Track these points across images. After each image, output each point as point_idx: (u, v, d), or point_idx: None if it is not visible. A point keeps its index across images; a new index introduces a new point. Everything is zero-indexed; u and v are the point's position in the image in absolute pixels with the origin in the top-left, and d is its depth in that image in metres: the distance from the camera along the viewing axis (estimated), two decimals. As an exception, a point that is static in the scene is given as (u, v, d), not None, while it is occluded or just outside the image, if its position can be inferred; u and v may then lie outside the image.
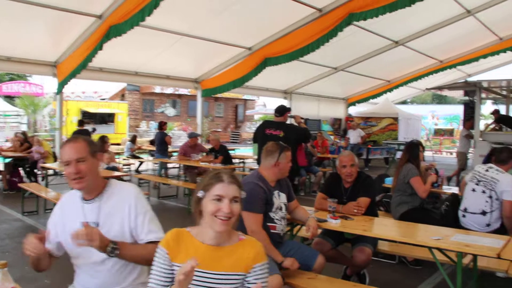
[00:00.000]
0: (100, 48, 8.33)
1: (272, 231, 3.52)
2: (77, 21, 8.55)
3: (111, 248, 2.22)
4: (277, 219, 3.56)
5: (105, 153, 8.46)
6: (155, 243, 2.20)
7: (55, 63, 10.08)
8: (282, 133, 6.69)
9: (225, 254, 2.06)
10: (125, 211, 2.40)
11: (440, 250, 3.23)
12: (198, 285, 1.99)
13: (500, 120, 11.55)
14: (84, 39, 8.87)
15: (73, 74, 9.26)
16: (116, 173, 7.52)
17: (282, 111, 7.06)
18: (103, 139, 8.60)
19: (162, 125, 12.59)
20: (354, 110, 20.20)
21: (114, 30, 8.00)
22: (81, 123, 12.01)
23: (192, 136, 10.16)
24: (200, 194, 2.05)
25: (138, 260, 2.35)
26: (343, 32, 10.43)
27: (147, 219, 2.41)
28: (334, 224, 3.73)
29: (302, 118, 7.60)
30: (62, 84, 9.88)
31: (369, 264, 4.03)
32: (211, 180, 2.06)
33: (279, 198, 3.63)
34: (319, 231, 3.93)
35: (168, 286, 2.04)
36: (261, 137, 6.73)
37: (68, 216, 2.46)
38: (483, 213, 4.66)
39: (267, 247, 3.36)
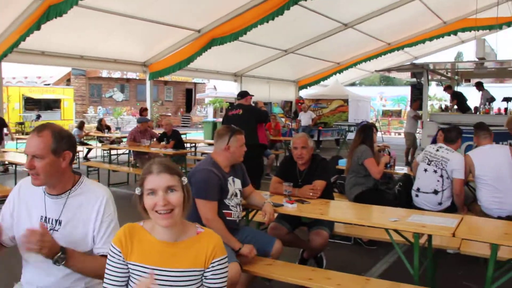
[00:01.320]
0: (38, 28, 7.94)
1: (227, 218, 3.42)
2: (14, 2, 8.07)
3: (58, 257, 2.04)
4: (232, 205, 3.46)
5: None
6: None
7: (-10, 46, 9.50)
8: (241, 111, 7.18)
9: (182, 250, 1.92)
10: (92, 215, 2.21)
11: (397, 231, 3.24)
12: (155, 284, 1.85)
13: (456, 95, 11.82)
14: (22, 21, 8.39)
15: (4, 55, 8.79)
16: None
17: (243, 94, 7.61)
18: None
19: (142, 112, 12.30)
20: (304, 93, 20.29)
21: (54, 9, 7.65)
22: None
23: (142, 121, 9.87)
24: (137, 191, 1.90)
25: (86, 272, 2.17)
26: (292, 14, 10.45)
27: (110, 230, 2.23)
28: (291, 208, 3.66)
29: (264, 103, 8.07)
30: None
31: (326, 247, 4.02)
32: (143, 173, 1.92)
33: (234, 184, 3.52)
34: (276, 215, 3.86)
35: (123, 286, 1.92)
36: (226, 120, 7.35)
37: (26, 207, 2.24)
38: (435, 192, 4.75)
39: (223, 235, 3.26)
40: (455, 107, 11.76)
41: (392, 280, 3.24)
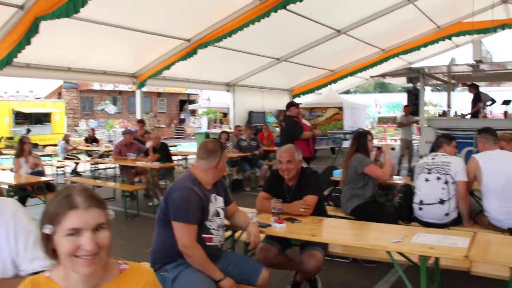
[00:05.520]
0: (28, 42, 7.53)
1: (208, 243, 2.99)
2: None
3: None
4: (213, 229, 3.04)
5: (28, 156, 7.65)
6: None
7: (-27, 59, 9.10)
8: (284, 124, 7.97)
9: None
10: (2, 236, 1.84)
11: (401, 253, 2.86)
12: None
13: (478, 95, 11.32)
14: (6, 32, 8.01)
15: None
16: (43, 179, 6.80)
17: (288, 105, 8.07)
18: (22, 140, 7.74)
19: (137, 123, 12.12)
20: (298, 101, 19.98)
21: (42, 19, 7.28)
22: None
23: (126, 133, 9.47)
24: (48, 230, 1.43)
25: None
26: (284, 21, 10.17)
27: (31, 243, 1.86)
28: (279, 229, 3.26)
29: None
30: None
31: (320, 269, 3.60)
32: (60, 207, 1.43)
33: (216, 202, 3.11)
34: (262, 237, 3.44)
35: None
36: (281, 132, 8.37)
37: None
38: (441, 201, 4.36)
39: (203, 264, 2.85)
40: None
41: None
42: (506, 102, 11.34)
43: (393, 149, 5.48)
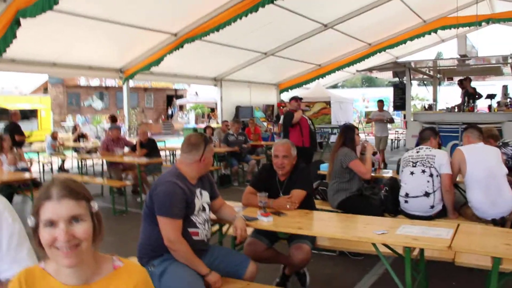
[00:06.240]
0: (14, 36, 7.42)
1: (194, 238, 2.99)
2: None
3: None
4: (199, 222, 3.04)
5: (9, 153, 7.52)
6: None
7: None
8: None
9: None
10: None
11: (386, 245, 2.89)
12: None
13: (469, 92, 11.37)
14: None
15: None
16: (27, 175, 6.72)
17: (289, 99, 8.55)
18: (0, 137, 7.55)
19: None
20: (286, 96, 20.01)
21: (21, 15, 7.18)
22: None
23: (112, 128, 9.41)
24: (30, 222, 1.44)
25: None
26: (271, 16, 10.15)
27: (14, 244, 1.82)
28: (266, 222, 3.27)
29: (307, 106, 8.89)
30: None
31: (308, 262, 3.63)
32: (39, 198, 1.43)
33: (201, 198, 3.11)
34: (250, 231, 3.45)
35: None
36: None
37: None
38: (426, 194, 4.42)
39: (189, 259, 2.86)
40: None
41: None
42: (490, 96, 11.47)
43: (374, 154, 5.53)
